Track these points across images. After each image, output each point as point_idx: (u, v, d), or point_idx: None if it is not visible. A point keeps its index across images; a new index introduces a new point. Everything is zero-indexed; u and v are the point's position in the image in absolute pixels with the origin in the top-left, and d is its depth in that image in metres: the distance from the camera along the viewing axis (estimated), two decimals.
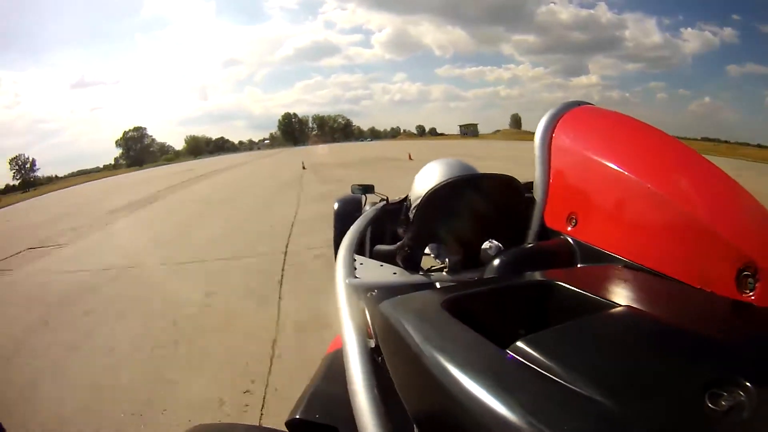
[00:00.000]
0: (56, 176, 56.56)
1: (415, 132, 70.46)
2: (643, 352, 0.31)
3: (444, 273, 0.67)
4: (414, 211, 0.70)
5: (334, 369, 0.60)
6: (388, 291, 0.49)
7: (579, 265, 0.56)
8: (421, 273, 0.67)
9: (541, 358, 0.29)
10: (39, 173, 56.04)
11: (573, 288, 0.40)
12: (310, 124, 65.08)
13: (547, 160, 0.64)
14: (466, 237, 0.67)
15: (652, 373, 0.28)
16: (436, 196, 0.64)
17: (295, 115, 65.83)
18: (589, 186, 0.59)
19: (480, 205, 0.65)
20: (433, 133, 68.65)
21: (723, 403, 0.24)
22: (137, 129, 62.51)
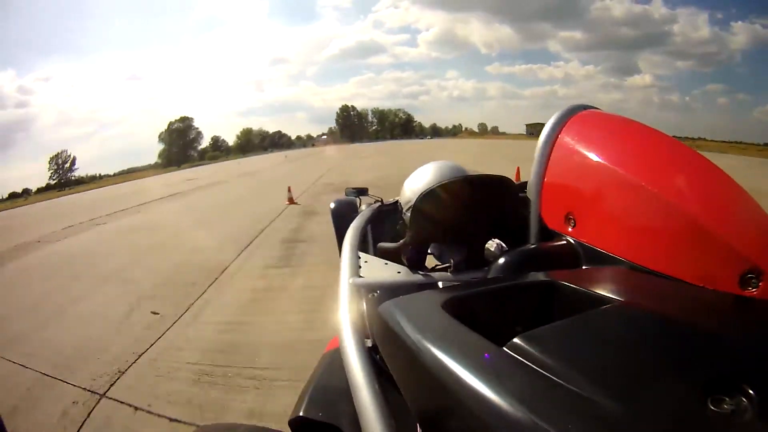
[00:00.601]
0: (99, 175, 52.94)
1: (477, 130, 67.30)
2: (643, 351, 0.31)
3: (448, 273, 0.68)
4: (412, 212, 0.69)
5: (334, 368, 0.61)
6: (391, 291, 0.54)
7: (583, 267, 0.56)
8: (425, 272, 0.67)
9: (538, 355, 0.29)
10: (90, 171, 52.74)
11: (576, 288, 0.40)
12: (370, 118, 63.02)
13: (546, 161, 0.64)
14: (467, 236, 0.68)
15: (653, 373, 0.28)
16: (436, 195, 0.64)
17: (353, 107, 64.11)
18: (588, 186, 0.59)
19: (479, 205, 0.66)
20: (495, 131, 65.05)
21: (725, 406, 0.24)
22: (183, 119, 58.84)
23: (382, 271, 0.67)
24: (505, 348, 0.31)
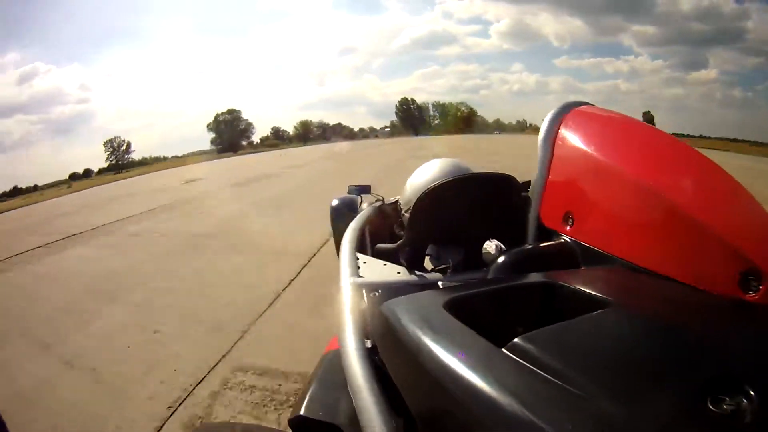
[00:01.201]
0: (149, 158, 50.64)
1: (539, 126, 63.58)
2: (643, 352, 0.31)
3: (448, 273, 0.68)
4: (412, 211, 0.70)
5: (334, 368, 0.60)
6: (391, 291, 0.52)
7: (582, 267, 0.56)
8: (424, 273, 0.67)
9: (539, 356, 0.29)
10: (148, 154, 51.27)
11: (575, 288, 0.40)
12: (431, 112, 61.11)
13: (549, 160, 0.63)
14: (467, 236, 0.68)
15: (653, 374, 0.28)
16: (435, 195, 0.64)
17: (413, 100, 61.07)
18: (586, 185, 0.58)
19: (479, 204, 0.65)
20: None
21: (725, 406, 0.24)
22: (231, 111, 57.21)
23: (381, 271, 0.67)
24: (504, 349, 0.31)
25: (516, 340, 0.31)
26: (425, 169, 0.92)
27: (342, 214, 1.22)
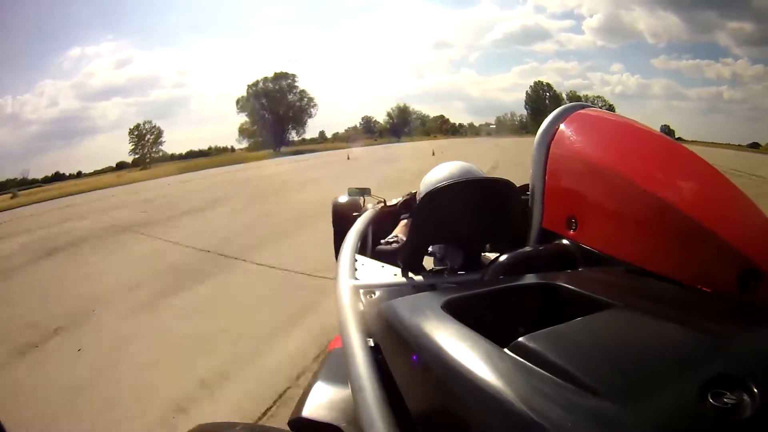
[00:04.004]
0: (176, 154, 38.57)
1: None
2: (644, 352, 0.31)
3: (445, 275, 0.68)
4: (415, 213, 0.71)
5: (335, 369, 0.61)
6: (389, 292, 0.53)
7: (580, 269, 0.56)
8: (422, 274, 0.66)
9: (541, 356, 0.29)
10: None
11: (574, 289, 0.40)
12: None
13: (544, 163, 0.64)
14: (466, 239, 0.69)
15: (654, 373, 0.28)
16: (434, 198, 0.64)
17: (548, 85, 45.66)
18: (589, 189, 0.59)
19: (479, 208, 0.65)
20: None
21: (726, 400, 0.25)
22: (287, 75, 41.75)
23: (378, 273, 0.67)
24: (507, 350, 0.31)
25: (519, 340, 0.31)
26: (437, 170, 0.93)
27: (343, 216, 1.20)
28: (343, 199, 1.35)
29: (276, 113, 40.68)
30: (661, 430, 0.24)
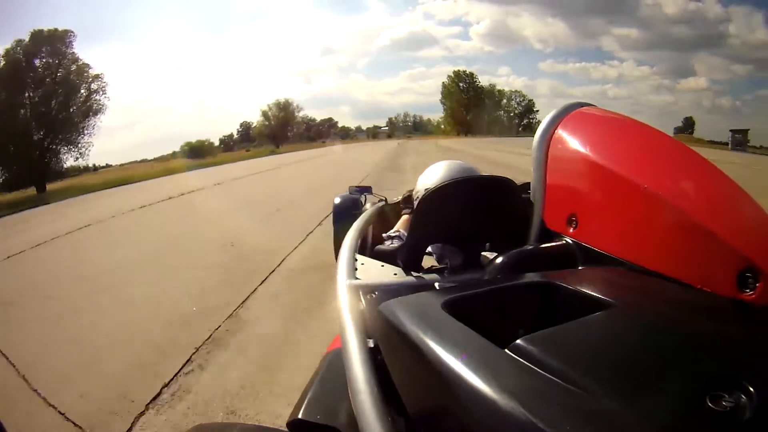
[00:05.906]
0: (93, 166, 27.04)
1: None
2: (643, 353, 0.31)
3: (445, 274, 0.68)
4: (414, 213, 0.71)
5: (334, 369, 0.60)
6: (389, 292, 0.54)
7: (580, 267, 0.56)
8: (421, 274, 0.67)
9: (541, 357, 0.29)
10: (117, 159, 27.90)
11: (574, 289, 0.40)
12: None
13: (544, 162, 0.63)
14: (466, 238, 0.68)
15: (653, 374, 0.28)
16: (434, 197, 0.64)
17: (471, 74, 42.92)
18: (589, 187, 0.59)
19: (479, 207, 0.65)
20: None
21: (724, 403, 0.24)
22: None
23: (378, 272, 0.67)
24: (507, 350, 0.31)
25: (518, 341, 0.31)
26: (432, 170, 0.93)
27: (343, 214, 1.20)
28: (345, 196, 1.32)
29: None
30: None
